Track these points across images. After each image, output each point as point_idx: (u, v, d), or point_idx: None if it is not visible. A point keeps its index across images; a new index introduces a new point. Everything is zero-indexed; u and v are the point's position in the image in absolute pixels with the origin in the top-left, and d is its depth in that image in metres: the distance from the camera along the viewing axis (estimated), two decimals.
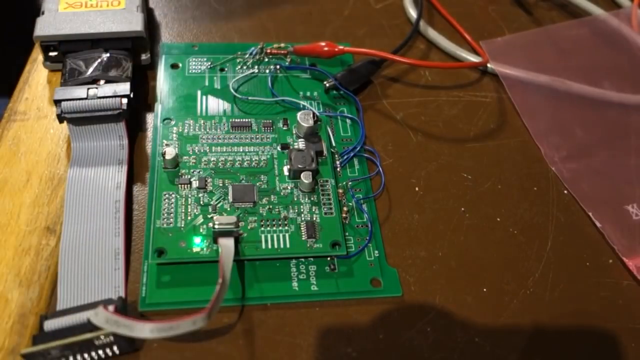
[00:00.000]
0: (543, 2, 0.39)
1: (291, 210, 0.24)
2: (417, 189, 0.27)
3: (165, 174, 0.25)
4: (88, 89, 0.25)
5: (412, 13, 0.36)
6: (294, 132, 0.27)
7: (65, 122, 0.25)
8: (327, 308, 0.22)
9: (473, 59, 0.33)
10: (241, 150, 0.26)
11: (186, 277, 0.22)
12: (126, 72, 0.26)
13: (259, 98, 0.29)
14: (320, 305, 0.22)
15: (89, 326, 0.19)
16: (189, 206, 0.24)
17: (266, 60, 0.31)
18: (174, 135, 0.26)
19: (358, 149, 0.27)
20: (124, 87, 0.25)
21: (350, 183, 0.26)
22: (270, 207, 0.24)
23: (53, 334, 0.19)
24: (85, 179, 0.24)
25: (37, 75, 0.29)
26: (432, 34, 0.35)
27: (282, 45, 0.31)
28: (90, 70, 0.26)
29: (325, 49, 0.30)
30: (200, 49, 0.31)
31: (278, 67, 0.31)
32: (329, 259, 0.24)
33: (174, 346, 0.21)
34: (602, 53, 0.35)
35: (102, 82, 0.26)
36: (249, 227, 0.23)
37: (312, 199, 0.25)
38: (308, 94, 0.30)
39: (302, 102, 0.29)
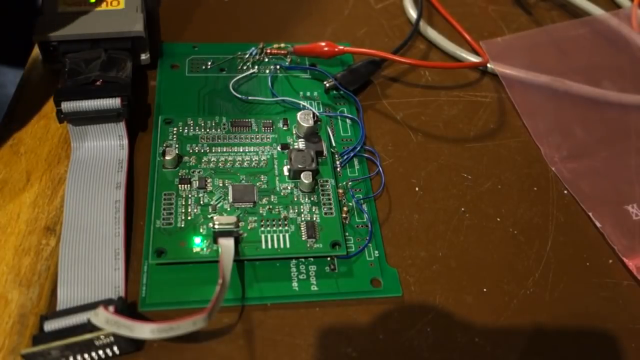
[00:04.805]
0: (543, 2, 0.39)
1: (291, 210, 0.24)
2: (417, 189, 0.27)
3: (165, 174, 0.25)
4: (88, 89, 0.25)
5: (412, 13, 0.36)
6: (294, 132, 0.27)
7: (65, 122, 0.25)
8: (327, 308, 0.22)
9: (473, 59, 0.33)
10: (241, 150, 0.26)
11: (186, 277, 0.22)
12: (126, 72, 0.26)
13: (259, 98, 0.29)
14: (320, 305, 0.22)
15: (89, 326, 0.19)
16: (189, 206, 0.24)
17: (266, 60, 0.31)
18: (174, 135, 0.26)
19: (358, 149, 0.27)
20: (124, 87, 0.25)
21: (350, 183, 0.26)
22: (270, 207, 0.24)
23: (53, 334, 0.19)
24: (85, 179, 0.24)
25: (37, 75, 0.29)
26: (432, 34, 0.35)
27: (282, 45, 0.31)
28: (90, 70, 0.26)
29: (325, 49, 0.30)
30: (200, 49, 0.31)
31: (278, 67, 0.31)
32: (329, 259, 0.23)
33: (174, 346, 0.21)
34: (602, 53, 0.35)
35: (101, 82, 0.25)
36: (249, 227, 0.23)
37: (312, 199, 0.25)
38: (308, 94, 0.30)
39: (302, 102, 0.29)
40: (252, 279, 0.23)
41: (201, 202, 0.24)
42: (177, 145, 0.26)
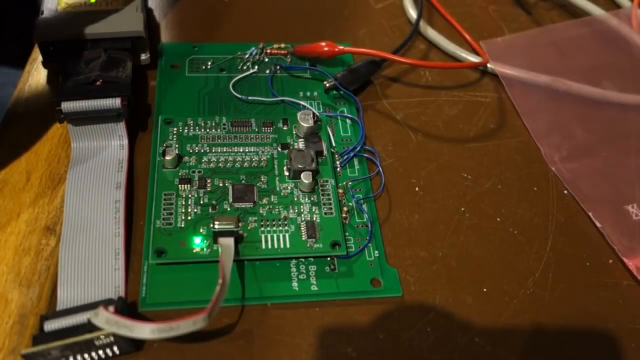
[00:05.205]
0: (543, 2, 0.39)
1: (291, 210, 0.24)
2: (417, 189, 0.27)
3: (165, 174, 0.25)
4: (88, 89, 0.25)
5: (412, 13, 0.36)
6: (294, 132, 0.27)
7: (65, 122, 0.25)
8: (327, 308, 0.22)
9: (473, 59, 0.33)
10: (241, 150, 0.26)
11: (186, 277, 0.22)
12: (126, 72, 0.26)
13: (259, 98, 0.29)
14: (320, 305, 0.22)
15: (89, 326, 0.19)
16: (189, 206, 0.24)
17: (266, 60, 0.31)
18: (174, 135, 0.26)
19: (358, 149, 0.27)
20: (124, 87, 0.25)
21: (350, 183, 0.26)
22: (270, 207, 0.24)
23: (53, 334, 0.19)
24: (85, 179, 0.24)
25: (37, 75, 0.29)
26: (432, 34, 0.35)
27: (282, 45, 0.31)
28: (90, 70, 0.26)
29: (325, 49, 0.30)
30: (200, 49, 0.31)
31: (278, 67, 0.31)
32: (329, 259, 0.23)
33: (174, 346, 0.21)
34: (602, 53, 0.35)
35: (101, 82, 0.25)
36: (249, 227, 0.23)
37: (312, 199, 0.25)
38: (308, 94, 0.30)
39: (302, 102, 0.29)
40: (252, 279, 0.23)
41: (201, 202, 0.24)
42: (177, 145, 0.26)
